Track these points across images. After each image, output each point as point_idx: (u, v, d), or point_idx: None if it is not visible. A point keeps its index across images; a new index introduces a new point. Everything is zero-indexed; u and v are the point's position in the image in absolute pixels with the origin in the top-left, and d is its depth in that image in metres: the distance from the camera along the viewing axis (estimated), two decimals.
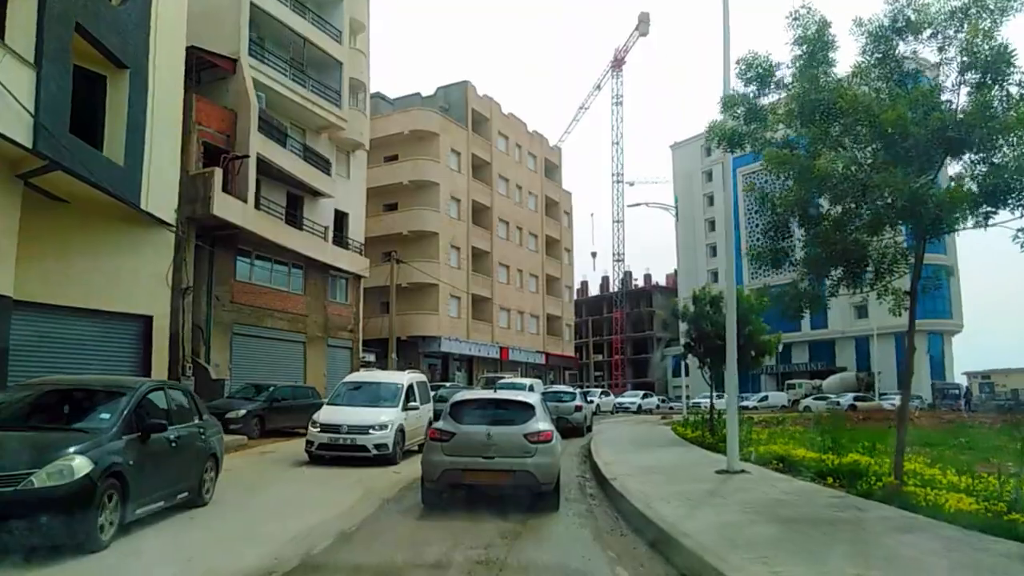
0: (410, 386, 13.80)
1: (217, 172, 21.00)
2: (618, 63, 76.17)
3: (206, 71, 23.33)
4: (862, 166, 6.65)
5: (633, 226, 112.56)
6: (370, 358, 32.46)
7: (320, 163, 27.64)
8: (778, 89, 7.71)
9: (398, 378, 14.18)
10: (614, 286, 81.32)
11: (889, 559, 5.22)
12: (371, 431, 11.91)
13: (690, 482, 9.28)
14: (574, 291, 62.85)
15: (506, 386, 23.14)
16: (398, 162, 40.45)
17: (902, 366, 58.83)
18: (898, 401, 38.48)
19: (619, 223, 76.45)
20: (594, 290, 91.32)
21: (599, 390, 44.56)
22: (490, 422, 8.25)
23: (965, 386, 49.47)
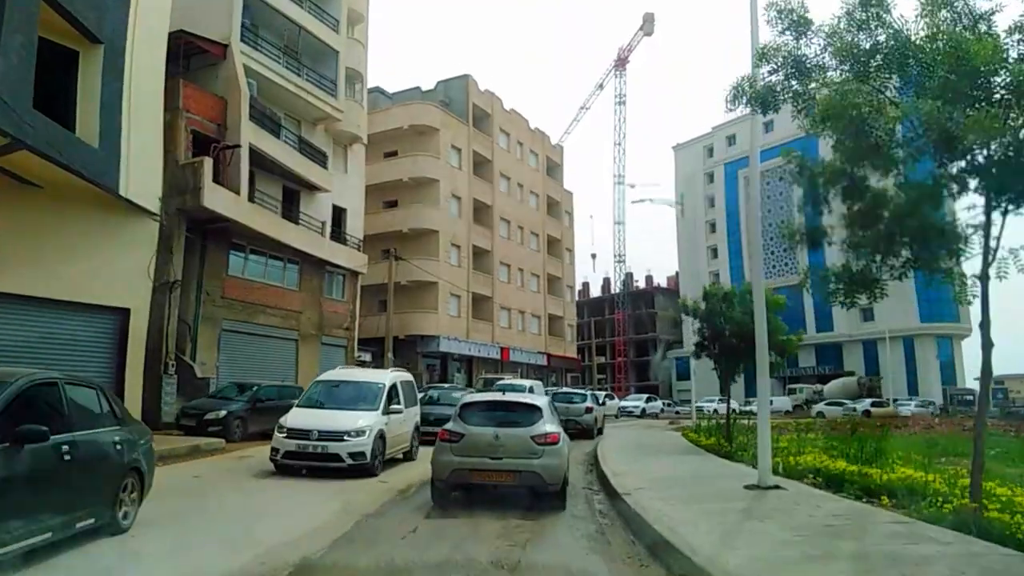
0: (393, 386, 12.30)
1: (207, 161, 20.03)
2: (621, 62, 75.36)
3: (195, 57, 22.39)
4: (948, 114, 5.44)
5: (634, 228, 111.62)
6: (366, 357, 31.49)
7: (316, 156, 26.68)
8: (820, 37, 6.46)
9: (379, 377, 12.63)
10: (615, 287, 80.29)
11: None
12: (346, 437, 10.49)
13: (717, 499, 8.13)
14: (576, 291, 61.86)
15: (504, 387, 22.39)
16: (398, 158, 39.48)
17: (912, 370, 58.32)
18: (915, 407, 37.44)
19: (620, 224, 75.52)
20: (595, 292, 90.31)
21: (603, 393, 43.52)
22: (498, 424, 8.42)
23: (993, 390, 48.27)
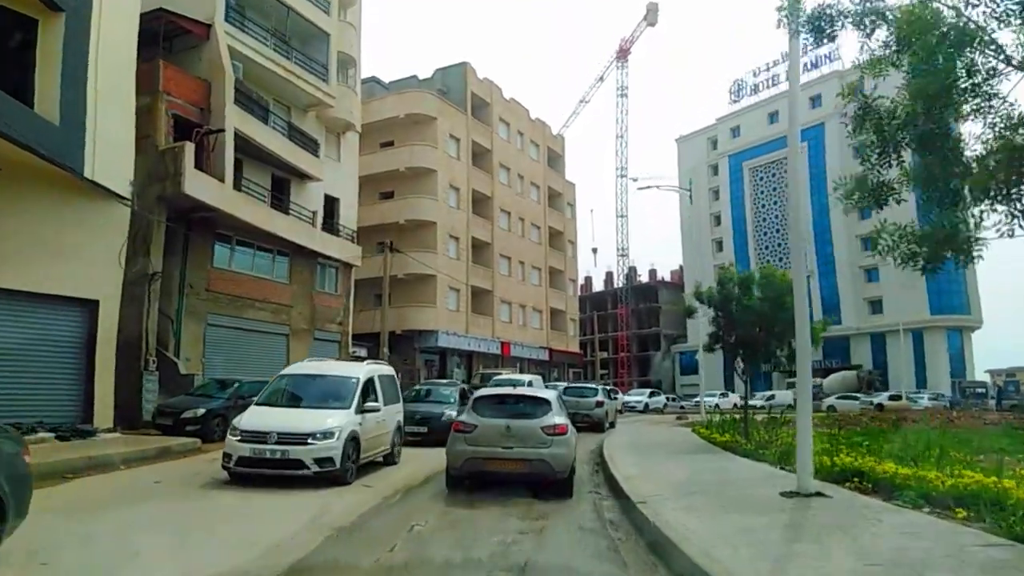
0: (369, 381, 10.79)
1: (188, 147, 18.92)
2: (623, 53, 74.20)
3: (178, 38, 21.27)
4: None
5: (637, 222, 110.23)
6: (361, 352, 30.38)
7: (307, 143, 25.56)
8: None
9: (354, 370, 11.12)
10: (618, 282, 79.15)
11: None
12: (311, 441, 8.98)
13: (752, 510, 6.91)
14: (578, 285, 60.72)
15: (503, 382, 21.76)
16: (394, 148, 38.34)
17: (920, 363, 57.18)
18: (927, 401, 36.23)
19: (624, 218, 74.45)
20: (598, 286, 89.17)
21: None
22: (509, 415, 8.87)
23: (996, 383, 47.22)
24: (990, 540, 5.58)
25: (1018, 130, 4.97)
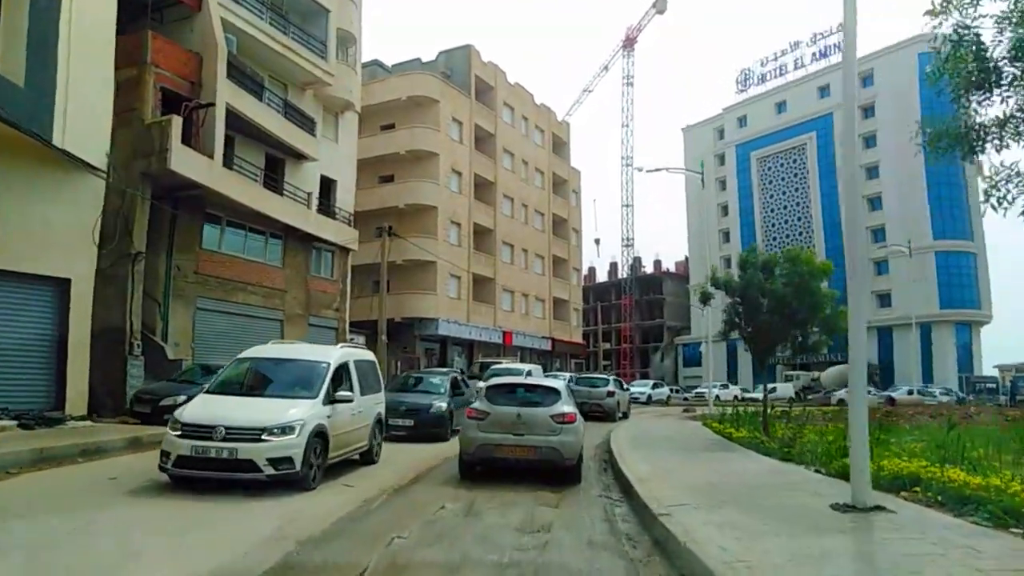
0: (343, 367, 9.37)
1: (175, 120, 17.92)
2: (630, 42, 73.10)
3: (168, 8, 20.28)
4: None
5: (640, 214, 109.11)
6: (359, 339, 29.55)
7: (304, 122, 24.58)
8: None
9: (323, 354, 9.50)
10: (623, 272, 78.17)
11: None
12: (266, 436, 7.49)
13: (804, 529, 5.72)
14: (582, 275, 59.74)
15: (502, 372, 21.11)
16: (395, 131, 37.34)
17: (927, 357, 56.21)
18: (940, 395, 35.24)
19: (629, 207, 73.30)
20: (601, 277, 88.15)
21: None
22: (520, 404, 9.18)
23: (1007, 379, 46.23)
24: None
25: None
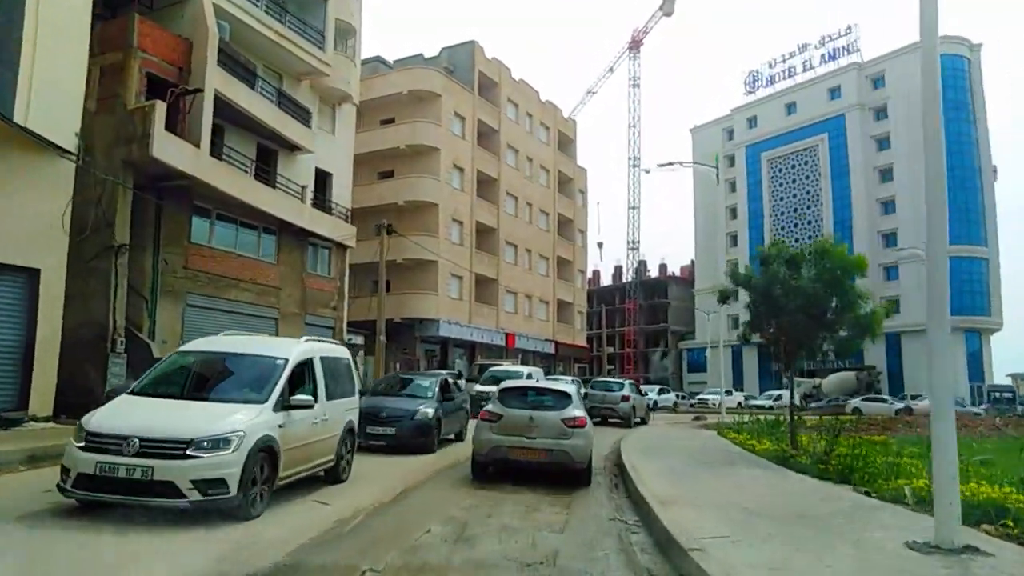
0: (304, 365, 7.68)
1: (159, 106, 17.05)
2: (636, 44, 72.20)
3: None
4: None
5: (646, 217, 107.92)
6: (357, 340, 28.64)
7: (298, 113, 23.67)
8: None
9: (281, 349, 7.71)
10: (627, 276, 77.03)
11: None
12: (192, 452, 5.89)
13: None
14: (587, 277, 58.71)
15: (500, 374, 20.39)
16: (395, 125, 36.41)
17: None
18: (964, 406, 34.05)
19: (635, 209, 72.10)
20: (606, 280, 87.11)
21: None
22: (532, 407, 9.37)
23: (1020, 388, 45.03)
24: None
25: None
